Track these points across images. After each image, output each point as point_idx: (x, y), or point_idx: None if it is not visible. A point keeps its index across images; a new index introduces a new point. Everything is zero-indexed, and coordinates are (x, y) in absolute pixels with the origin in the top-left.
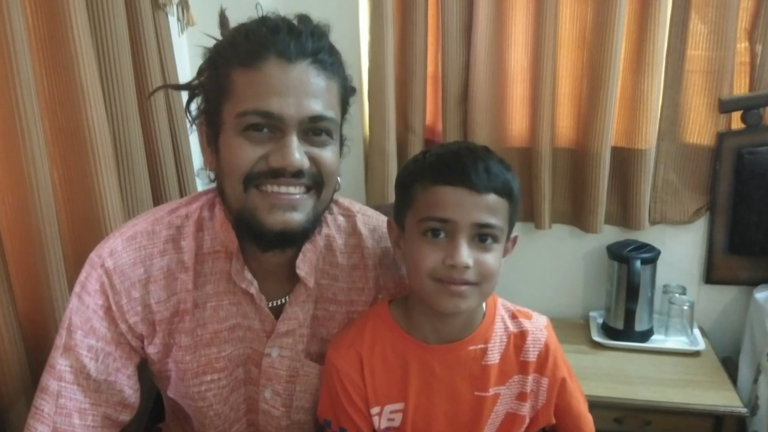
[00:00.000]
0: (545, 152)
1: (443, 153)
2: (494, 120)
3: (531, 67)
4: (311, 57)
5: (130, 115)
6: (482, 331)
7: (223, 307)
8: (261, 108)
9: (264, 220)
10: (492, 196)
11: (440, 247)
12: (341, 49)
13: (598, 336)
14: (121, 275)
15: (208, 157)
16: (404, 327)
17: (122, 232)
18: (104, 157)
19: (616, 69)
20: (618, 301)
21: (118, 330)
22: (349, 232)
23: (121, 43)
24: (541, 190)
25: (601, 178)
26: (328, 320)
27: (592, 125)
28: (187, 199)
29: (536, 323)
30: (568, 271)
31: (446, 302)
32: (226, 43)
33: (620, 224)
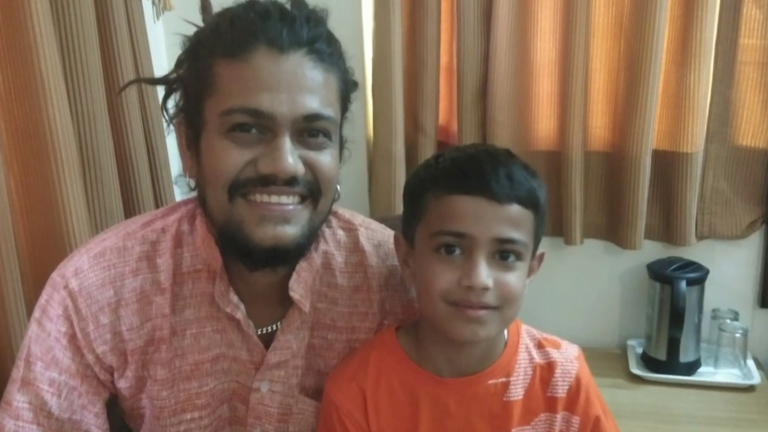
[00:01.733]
0: (576, 157)
1: (459, 157)
2: (517, 119)
3: (560, 58)
4: (306, 47)
5: (98, 114)
6: (504, 362)
7: (205, 334)
8: (249, 105)
9: (252, 234)
10: (515, 207)
11: (455, 265)
12: (341, 38)
13: (638, 368)
14: (87, 298)
15: (188, 162)
16: (414, 358)
17: (89, 249)
18: (68, 162)
19: (657, 61)
20: (660, 328)
21: (84, 361)
22: (351, 249)
23: (87, 30)
24: (571, 200)
25: (640, 186)
26: (326, 350)
27: (631, 126)
28: (164, 211)
29: (566, 353)
30: (603, 293)
31: (462, 329)
32: (208, 31)
33: (663, 239)
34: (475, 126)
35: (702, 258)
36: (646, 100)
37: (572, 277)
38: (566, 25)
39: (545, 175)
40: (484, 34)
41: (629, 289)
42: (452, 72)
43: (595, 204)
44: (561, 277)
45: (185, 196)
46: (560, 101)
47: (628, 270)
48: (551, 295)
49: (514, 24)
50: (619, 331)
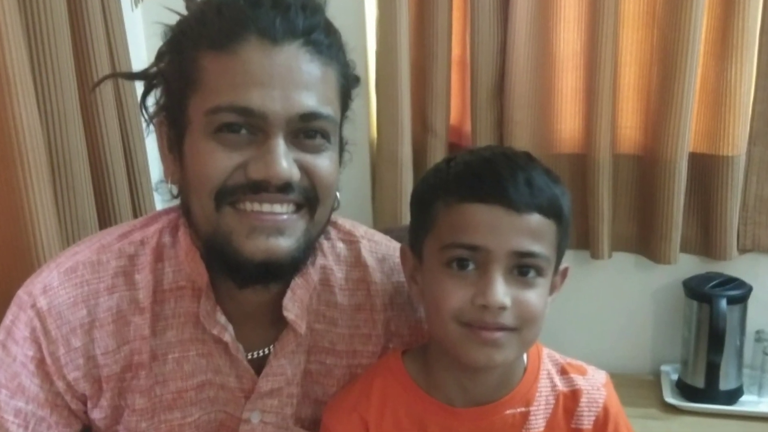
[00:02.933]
0: (604, 160)
1: (472, 161)
2: (538, 119)
3: (585, 50)
4: (302, 37)
5: (69, 113)
6: (523, 390)
7: (189, 359)
8: (238, 103)
9: (242, 247)
10: (535, 217)
11: (468, 282)
12: (342, 28)
13: (673, 397)
14: (57, 318)
15: (170, 166)
16: (422, 385)
17: (59, 264)
18: (36, 167)
19: (694, 52)
20: (698, 352)
21: (53, 389)
22: (352, 263)
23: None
24: (598, 210)
25: (675, 193)
26: (324, 376)
27: (664, 126)
28: (143, 221)
29: (592, 380)
30: (634, 313)
31: (476, 353)
32: (192, 20)
33: (700, 253)
34: (491, 126)
35: (744, 274)
36: (682, 96)
37: (599, 295)
38: (593, 13)
39: (569, 181)
40: (500, 23)
41: (663, 309)
42: (465, 65)
43: (624, 213)
44: (587, 294)
45: (167, 205)
46: (586, 98)
47: (662, 287)
48: (576, 315)
49: (535, 12)
50: (651, 355)
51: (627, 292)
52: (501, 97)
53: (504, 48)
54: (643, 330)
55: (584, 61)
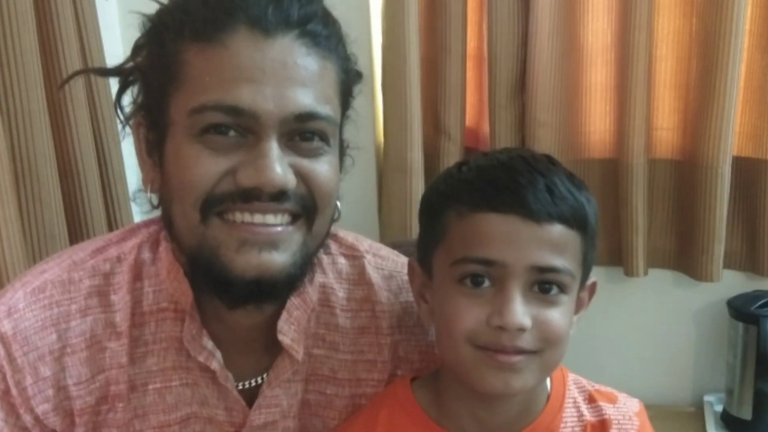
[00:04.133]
0: (638, 166)
1: (487, 166)
2: (564, 119)
3: (617, 43)
4: (297, 28)
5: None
6: (546, 420)
7: (172, 389)
8: (225, 101)
9: (231, 262)
10: (557, 227)
11: (484, 300)
12: (343, 18)
13: (717, 429)
14: (23, 344)
15: (149, 172)
16: (434, 416)
17: (25, 283)
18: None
19: (738, 45)
20: (744, 380)
21: (19, 423)
22: (355, 281)
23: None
24: (632, 221)
25: (718, 202)
26: (324, 407)
27: (705, 126)
28: (120, 235)
29: (623, 409)
30: (673, 336)
31: (492, 379)
32: (174, 9)
33: (746, 269)
34: (512, 128)
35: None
36: (725, 94)
37: (634, 317)
38: (624, 1)
39: (599, 189)
40: (522, 12)
41: (705, 332)
42: (482, 60)
43: (661, 225)
44: (620, 316)
45: (146, 216)
46: (617, 96)
47: (704, 307)
48: (608, 339)
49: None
50: (693, 384)
51: (665, 314)
52: (522, 95)
53: (526, 40)
54: (684, 356)
55: (615, 55)
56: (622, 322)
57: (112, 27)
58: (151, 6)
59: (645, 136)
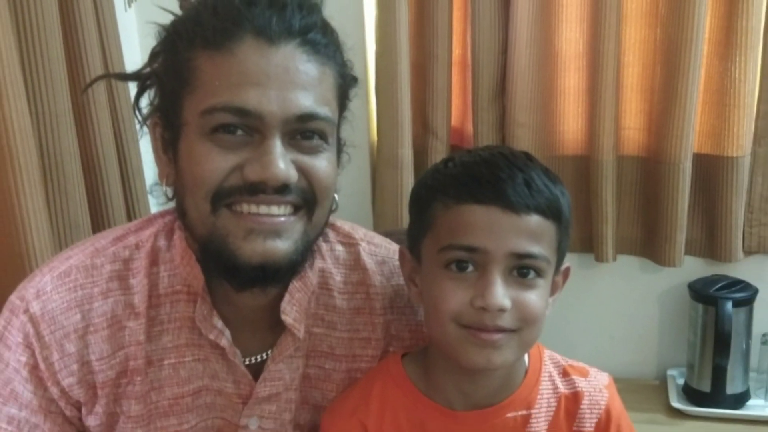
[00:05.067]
0: (607, 162)
1: (470, 161)
2: (541, 120)
3: (588, 49)
4: (299, 37)
5: (61, 114)
6: (524, 392)
7: (185, 364)
8: (234, 103)
9: (239, 249)
10: (534, 218)
11: (468, 283)
12: (340, 27)
13: (679, 401)
14: (50, 323)
15: (165, 167)
16: (422, 388)
17: (52, 268)
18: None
19: (698, 52)
20: (704, 356)
21: (47, 395)
22: (351, 266)
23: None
24: (602, 212)
25: (680, 195)
26: (323, 381)
27: (668, 126)
28: (138, 224)
29: (594, 382)
30: (638, 316)
31: (476, 355)
32: (187, 19)
33: (706, 255)
34: (493, 127)
35: (750, 276)
36: (686, 96)
37: (604, 299)
38: (595, 12)
39: (572, 183)
40: (502, 22)
41: (668, 312)
42: (466, 66)
43: (628, 216)
44: (591, 298)
45: (162, 208)
46: (589, 99)
47: (667, 290)
48: (580, 319)
49: (537, 11)
50: (657, 359)
51: (632, 296)
52: (503, 97)
53: (505, 48)
54: (649, 334)
55: (587, 62)
56: (593, 303)
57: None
58: (167, 17)
59: (614, 135)
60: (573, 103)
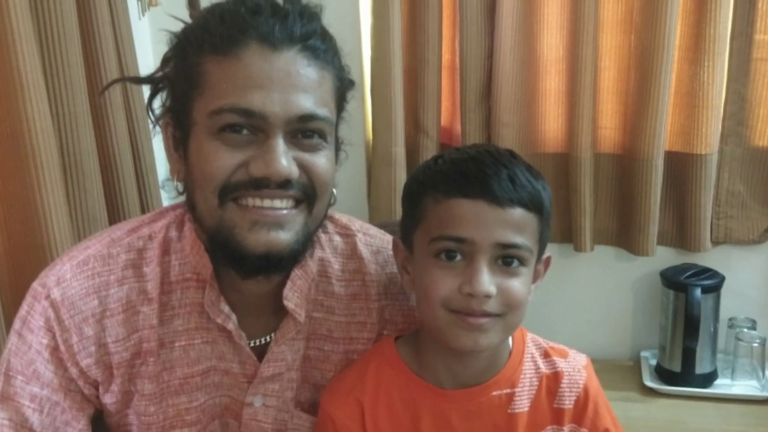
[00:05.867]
0: (585, 159)
1: (459, 158)
2: (524, 120)
3: (568, 55)
4: (300, 43)
5: (80, 115)
6: (508, 372)
7: (195, 346)
8: (239, 105)
9: (244, 240)
10: (518, 211)
11: (456, 271)
12: (338, 34)
13: (651, 380)
14: (70, 308)
15: (176, 164)
16: (414, 369)
17: (71, 257)
18: (48, 167)
19: (669, 57)
20: (674, 339)
21: (67, 375)
22: (348, 255)
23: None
24: (581, 205)
25: (652, 189)
26: (322, 361)
27: (642, 126)
28: (151, 217)
29: (573, 363)
30: (614, 302)
31: (463, 338)
32: (196, 27)
33: (676, 245)
34: (480, 127)
35: (717, 264)
36: (658, 98)
37: (582, 286)
38: (574, 19)
39: (553, 179)
40: (487, 29)
41: (642, 298)
42: (455, 70)
43: (605, 209)
44: (570, 285)
45: (173, 201)
46: (568, 100)
47: (641, 277)
48: (560, 304)
49: (520, 19)
50: (631, 341)
51: (608, 283)
52: (489, 99)
53: (491, 53)
54: (624, 318)
55: (566, 66)
56: (572, 290)
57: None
58: (178, 25)
59: (591, 134)
60: (553, 104)
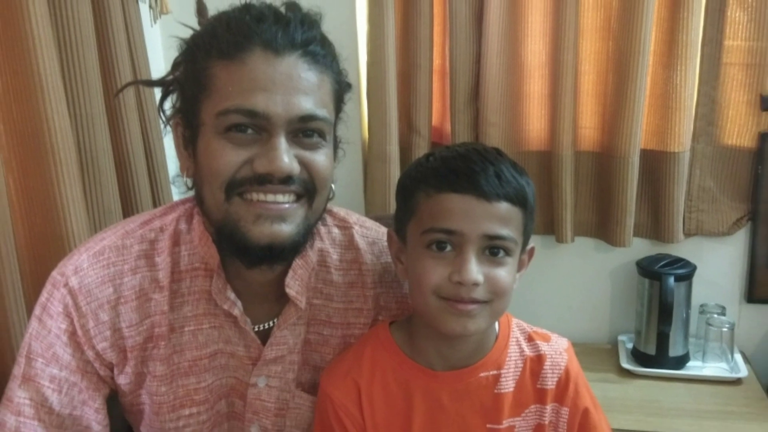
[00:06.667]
0: (567, 156)
1: (449, 156)
2: (509, 120)
3: (550, 60)
4: (301, 49)
5: (96, 116)
6: (495, 355)
7: (203, 331)
8: (244, 106)
9: (249, 232)
10: (504, 205)
11: (446, 261)
12: (336, 41)
13: (628, 362)
14: (87, 295)
15: (185, 161)
16: (407, 352)
17: (88, 248)
18: (67, 163)
19: (645, 62)
20: (649, 324)
21: (84, 357)
22: (346, 246)
23: (85, 33)
24: (562, 200)
25: (629, 185)
26: (321, 345)
27: (619, 126)
28: (162, 210)
29: (555, 346)
30: (593, 289)
31: (453, 323)
32: (204, 34)
33: (651, 237)
34: (468, 127)
35: (689, 254)
36: (634, 100)
37: (564, 274)
38: (556, 27)
39: (537, 175)
40: (475, 36)
41: (619, 286)
42: (445, 74)
43: (585, 203)
44: (553, 274)
45: (183, 196)
46: (550, 102)
47: (618, 267)
48: (543, 292)
49: (505, 26)
50: (609, 326)
51: (587, 272)
52: (476, 101)
53: (479, 58)
54: (602, 304)
55: (549, 70)
56: (554, 278)
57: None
58: (187, 32)
59: (572, 133)
60: (537, 105)
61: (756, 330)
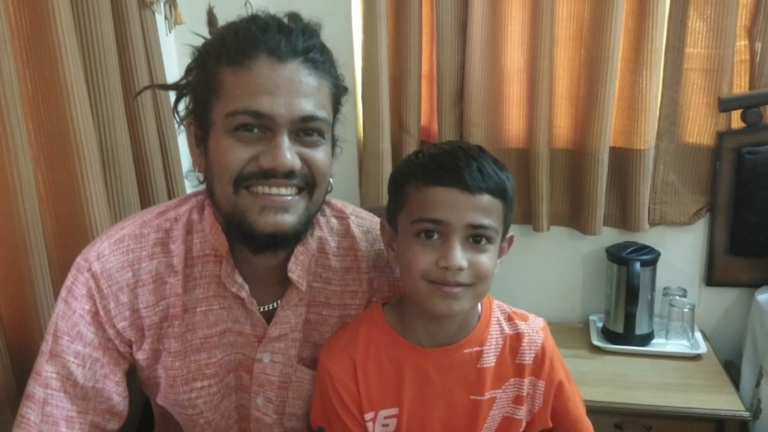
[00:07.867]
0: (543, 153)
1: (436, 153)
2: (491, 120)
3: (527, 65)
4: (302, 56)
5: (117, 116)
6: (478, 333)
7: (213, 311)
8: (251, 107)
9: (255, 222)
10: (486, 197)
11: (434, 248)
12: (334, 48)
13: (598, 340)
14: (108, 279)
15: (197, 158)
16: (398, 330)
17: (109, 236)
18: (90, 160)
19: (613, 67)
20: (618, 305)
21: (105, 335)
22: (342, 235)
23: (107, 42)
24: (538, 192)
25: (599, 179)
26: (320, 324)
27: (590, 125)
28: (176, 202)
29: (532, 325)
30: (567, 274)
31: (439, 304)
32: (214, 42)
33: (619, 226)
34: (453, 126)
35: (654, 242)
36: (604, 102)
37: (540, 260)
38: (533, 36)
39: (515, 170)
40: (460, 44)
41: (590, 270)
42: (433, 78)
43: (559, 195)
44: (530, 260)
45: (195, 189)
46: (528, 104)
47: (589, 253)
48: (522, 276)
49: (487, 35)
50: (581, 307)
51: (561, 258)
52: (461, 103)
53: (463, 64)
54: (575, 287)
55: (527, 75)
56: (531, 264)
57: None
58: (199, 40)
59: (548, 132)
60: (516, 107)
61: (714, 311)
